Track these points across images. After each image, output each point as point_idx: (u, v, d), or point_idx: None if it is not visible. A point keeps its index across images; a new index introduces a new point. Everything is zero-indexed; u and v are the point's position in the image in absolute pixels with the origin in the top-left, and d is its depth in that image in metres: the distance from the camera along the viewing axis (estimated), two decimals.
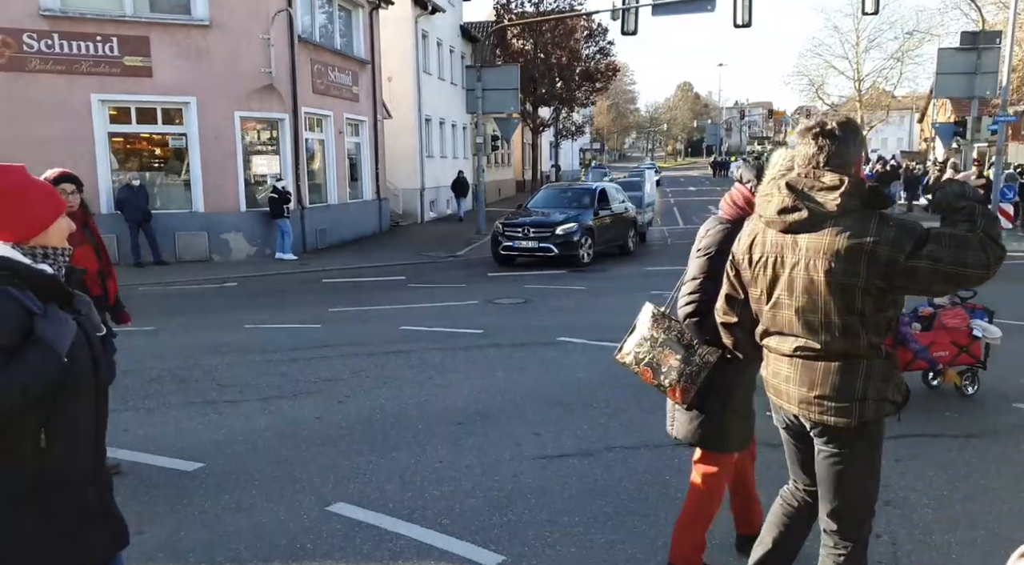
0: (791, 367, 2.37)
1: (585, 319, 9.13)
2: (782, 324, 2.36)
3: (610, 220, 15.59)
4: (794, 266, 2.27)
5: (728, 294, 2.54)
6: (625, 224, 16.36)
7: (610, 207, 15.72)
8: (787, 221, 2.27)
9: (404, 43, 24.05)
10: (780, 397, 2.46)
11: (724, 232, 2.87)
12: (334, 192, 18.31)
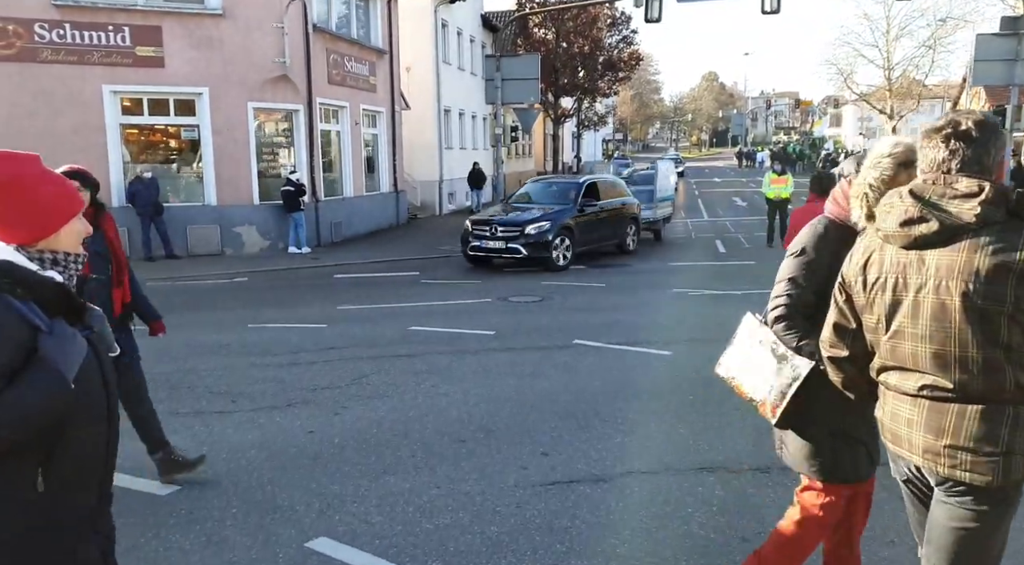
0: (915, 409, 1.98)
1: (603, 319, 8.69)
2: (904, 358, 1.98)
3: (600, 217, 14.26)
4: (920, 288, 1.91)
5: (837, 323, 2.16)
6: (622, 221, 15.09)
7: (598, 203, 14.30)
8: (912, 235, 1.92)
9: (423, 33, 23.63)
10: (899, 444, 2.06)
11: (819, 233, 2.56)
12: (350, 185, 17.98)
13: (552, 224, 13.03)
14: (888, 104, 51.05)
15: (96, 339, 1.57)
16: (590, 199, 14.20)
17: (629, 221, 15.34)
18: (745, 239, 17.89)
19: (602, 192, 14.82)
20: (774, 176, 16.42)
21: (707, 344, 7.68)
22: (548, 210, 13.53)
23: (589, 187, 14.54)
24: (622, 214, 15.10)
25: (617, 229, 14.94)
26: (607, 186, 15.47)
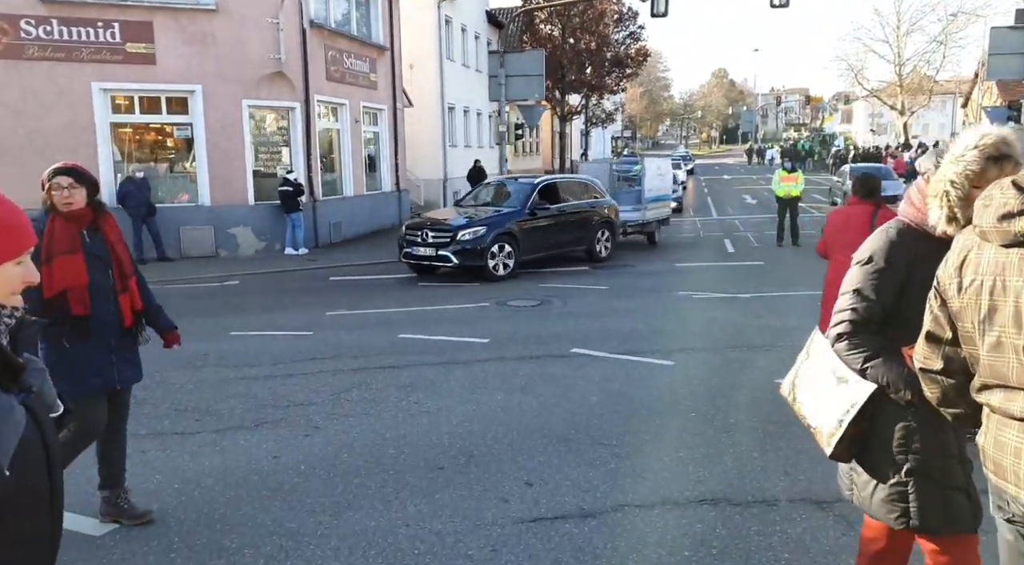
0: (1022, 436, 1.67)
1: (604, 325, 8.26)
2: (1006, 374, 1.68)
3: (560, 221, 12.90)
4: (1021, 293, 1.65)
5: (930, 332, 1.88)
6: (589, 225, 13.49)
7: (556, 206, 12.91)
8: (1012, 231, 1.66)
9: (426, 29, 23.25)
10: (1003, 477, 1.73)
11: (890, 239, 2.28)
12: (350, 184, 17.62)
13: (489, 230, 11.72)
14: (899, 100, 50.36)
15: (35, 401, 1.26)
16: (547, 202, 12.90)
17: (600, 225, 13.73)
18: (755, 238, 17.41)
19: (566, 194, 13.59)
20: (784, 173, 15.91)
21: (711, 353, 7.37)
22: (492, 213, 12.37)
23: (546, 189, 13.14)
24: (590, 217, 13.56)
25: (583, 234, 13.41)
26: (574, 187, 14.23)
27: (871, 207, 5.21)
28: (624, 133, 70.51)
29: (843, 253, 5.34)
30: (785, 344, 7.32)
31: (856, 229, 4.88)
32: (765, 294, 10.27)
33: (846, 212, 5.45)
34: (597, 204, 13.97)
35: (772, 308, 9.25)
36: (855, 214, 5.25)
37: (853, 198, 5.40)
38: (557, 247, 13.07)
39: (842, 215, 5.47)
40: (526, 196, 12.77)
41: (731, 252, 15.31)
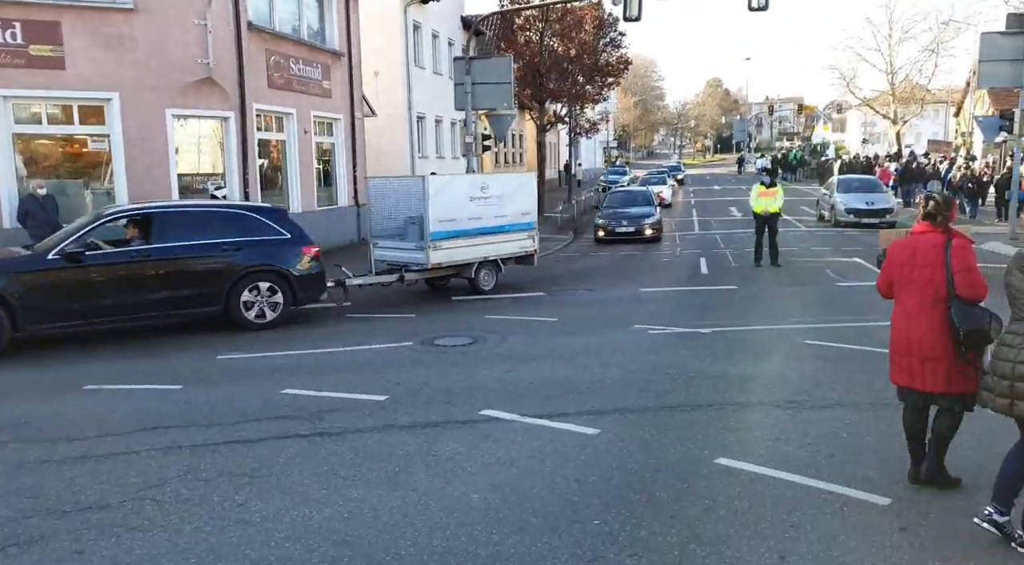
0: None
1: (534, 373, 6.99)
2: None
3: (135, 272, 8.72)
4: None
5: None
6: (210, 278, 9.13)
7: (127, 250, 8.88)
8: None
9: (391, 35, 22.10)
10: None
11: None
12: (297, 199, 16.37)
13: None
14: (892, 109, 49.44)
15: None
16: (142, 241, 8.93)
17: (236, 279, 9.24)
18: (733, 256, 16.20)
19: (191, 228, 9.17)
20: (762, 188, 14.70)
21: (648, 415, 5.75)
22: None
23: (143, 221, 8.99)
24: (207, 267, 9.12)
25: (193, 292, 9.03)
26: (212, 219, 9.47)
27: (942, 236, 4.19)
28: (610, 142, 69.29)
29: (913, 295, 4.22)
30: (738, 402, 6.08)
31: (927, 267, 4.16)
32: (729, 328, 9.03)
33: (911, 244, 4.31)
34: (230, 248, 9.26)
35: (732, 348, 7.99)
36: (922, 246, 4.23)
37: (922, 224, 4.30)
38: (116, 313, 8.70)
39: (907, 248, 4.32)
40: (66, 237, 8.61)
41: (704, 274, 14.08)
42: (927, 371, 4.19)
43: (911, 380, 4.27)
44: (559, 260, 17.09)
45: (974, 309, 4.06)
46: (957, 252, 4.11)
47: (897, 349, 4.33)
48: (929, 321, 4.15)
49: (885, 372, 4.54)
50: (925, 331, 4.16)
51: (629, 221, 19.64)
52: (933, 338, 4.14)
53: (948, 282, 4.08)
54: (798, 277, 13.22)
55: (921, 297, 4.18)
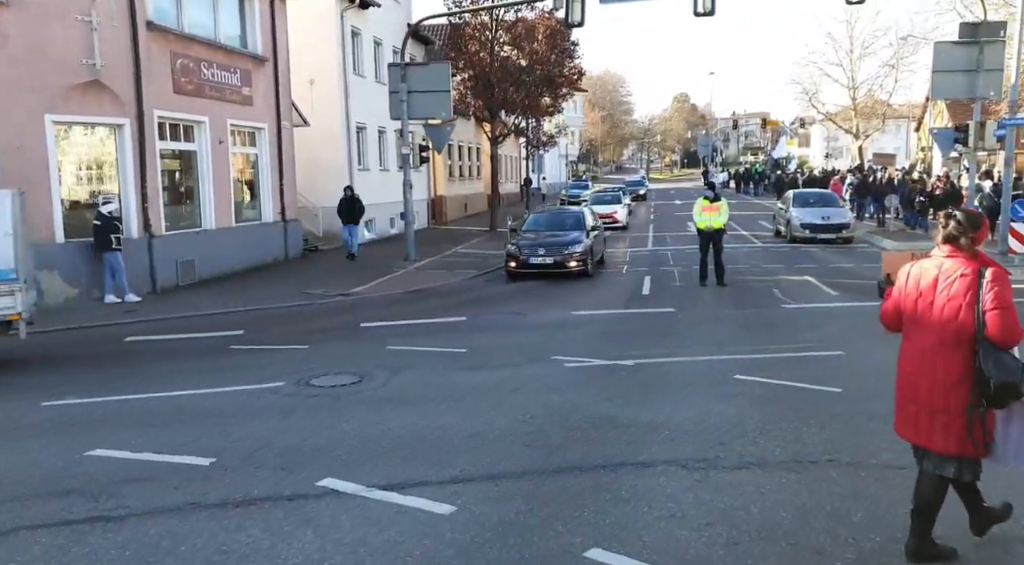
0: None
1: (408, 425, 5.87)
2: None
3: None
4: None
5: None
6: None
7: None
8: None
9: (328, 40, 20.94)
10: None
11: None
12: (210, 214, 15.09)
13: None
14: (854, 123, 49.63)
15: None
16: None
17: None
18: (680, 274, 15.27)
19: None
20: (705, 203, 13.79)
21: (521, 484, 4.60)
22: None
23: None
24: None
25: None
26: None
27: (971, 263, 3.40)
28: (577, 157, 68.78)
29: (929, 332, 3.43)
30: (638, 461, 5.01)
31: (951, 299, 3.37)
32: (655, 359, 8.01)
33: (930, 270, 3.51)
34: None
35: (651, 386, 6.95)
36: (946, 274, 3.44)
37: (944, 247, 3.49)
38: None
39: (925, 275, 3.52)
40: None
41: (645, 295, 13.09)
42: (937, 426, 3.43)
43: (917, 434, 3.55)
44: (498, 278, 16.02)
45: (1007, 357, 3.29)
46: (992, 284, 3.30)
47: (904, 394, 3.59)
48: (947, 366, 3.37)
49: (817, 417, 3.54)
50: (942, 378, 3.39)
51: (548, 250, 14.77)
52: (950, 387, 3.37)
53: (978, 321, 3.29)
54: (743, 298, 12.30)
55: (940, 336, 3.39)
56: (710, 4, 15.74)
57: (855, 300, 11.65)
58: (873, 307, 11.29)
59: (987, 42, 16.04)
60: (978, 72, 16.05)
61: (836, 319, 10.18)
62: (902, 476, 4.68)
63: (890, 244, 19.56)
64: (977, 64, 16.03)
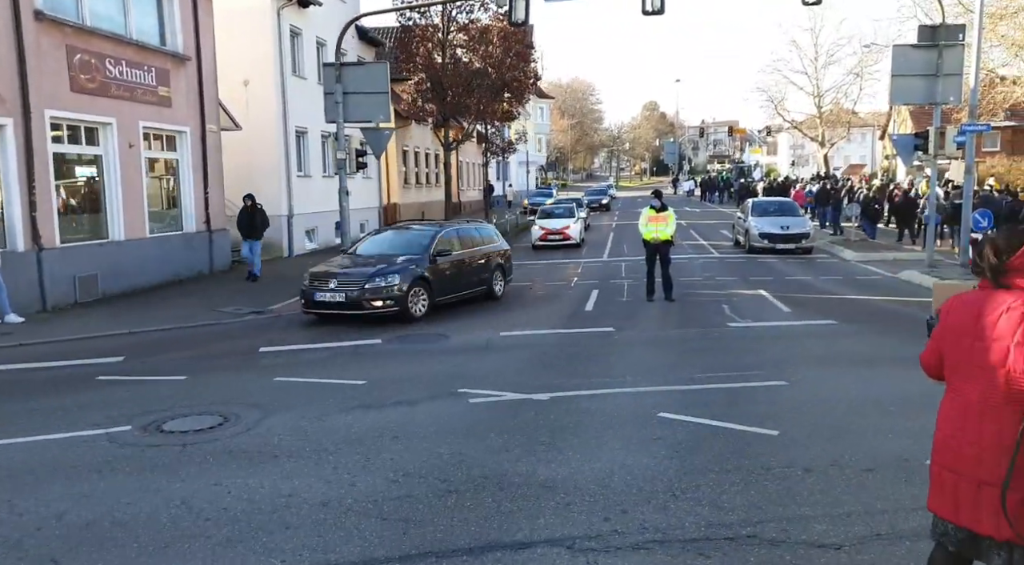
0: None
1: (237, 492, 4.78)
2: None
3: None
4: None
5: None
6: None
7: None
8: None
9: (263, 40, 19.76)
10: None
11: None
12: (119, 224, 13.82)
13: None
14: (819, 132, 49.62)
15: None
16: None
17: None
18: (629, 289, 14.36)
19: None
20: (652, 213, 12.89)
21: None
22: None
23: None
24: None
25: None
26: None
27: (1016, 297, 2.62)
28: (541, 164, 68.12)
29: (973, 383, 2.67)
30: (515, 540, 3.94)
31: (995, 341, 2.59)
32: (576, 391, 7.02)
33: (975, 305, 2.70)
34: None
35: (561, 428, 5.94)
36: (988, 310, 2.64)
37: (984, 279, 2.72)
38: None
39: (969, 310, 2.71)
40: None
41: (587, 311, 12.13)
42: (984, 502, 2.63)
43: (955, 513, 2.73)
44: None
45: None
46: None
47: (942, 461, 2.78)
48: (997, 425, 2.61)
49: (744, 471, 2.66)
50: (990, 441, 2.62)
51: (341, 283, 11.03)
52: (999, 453, 2.60)
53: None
54: (689, 316, 11.40)
55: (986, 387, 2.64)
56: (659, 3, 14.97)
57: (807, 318, 10.81)
58: (824, 327, 10.55)
59: (946, 46, 15.46)
60: (937, 77, 15.47)
61: (784, 341, 9.29)
62: (836, 561, 3.73)
63: (850, 254, 18.91)
64: (936, 69, 15.46)
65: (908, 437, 5.56)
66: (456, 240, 12.64)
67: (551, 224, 23.25)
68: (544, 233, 23.09)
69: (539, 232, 23.25)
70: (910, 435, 5.59)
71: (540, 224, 23.64)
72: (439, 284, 11.69)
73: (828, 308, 11.61)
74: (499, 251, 13.68)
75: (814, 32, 64.04)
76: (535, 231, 23.54)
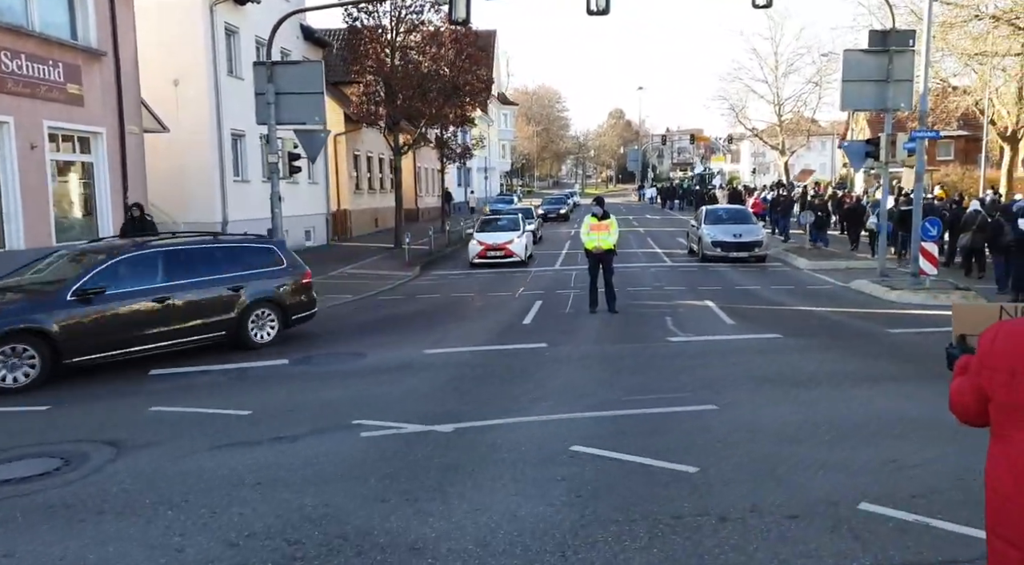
0: None
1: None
2: None
3: None
4: None
5: None
6: None
7: None
8: None
9: (195, 37, 18.72)
10: None
11: None
12: (18, 232, 12.70)
13: None
14: (780, 140, 49.87)
15: None
16: None
17: None
18: (575, 299, 13.68)
19: None
20: (593, 220, 12.24)
21: None
22: None
23: None
24: None
25: None
26: None
27: None
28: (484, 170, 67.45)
29: None
30: None
31: None
32: (486, 421, 6.26)
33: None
34: None
35: (459, 467, 5.16)
36: None
37: None
38: None
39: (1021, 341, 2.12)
40: None
41: (525, 324, 11.41)
42: None
43: None
44: (370, 306, 14.13)
45: None
46: None
47: (1001, 530, 2.14)
48: None
49: (650, 520, 2.76)
50: None
51: None
52: None
53: None
54: (629, 329, 10.73)
55: None
56: (604, 3, 14.39)
57: (751, 331, 10.22)
58: (767, 341, 9.89)
59: (896, 51, 15.15)
60: (888, 83, 15.14)
61: (722, 358, 8.64)
62: None
63: (804, 263, 18.49)
64: (887, 74, 15.12)
65: (840, 471, 4.92)
66: (156, 268, 8.94)
67: (491, 238, 20.13)
68: (483, 249, 19.80)
69: (477, 248, 19.94)
70: (842, 469, 4.96)
71: (479, 238, 20.38)
72: (84, 337, 8.08)
73: (774, 320, 11.04)
74: (275, 283, 9.94)
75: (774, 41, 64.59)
76: (472, 247, 20.25)
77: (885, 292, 13.31)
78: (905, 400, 6.66)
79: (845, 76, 15.54)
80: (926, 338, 9.57)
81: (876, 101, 15.52)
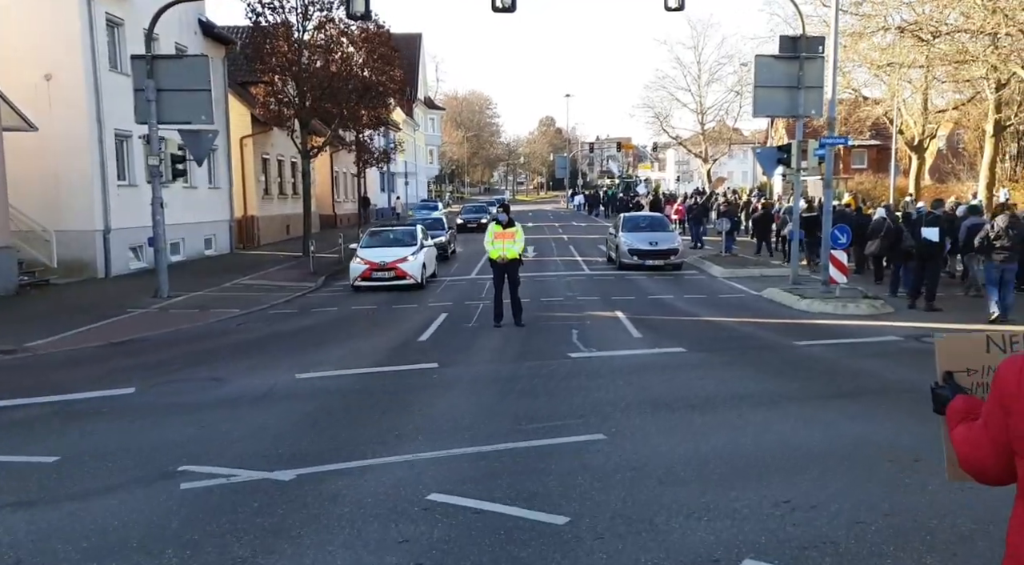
0: None
1: None
2: None
3: None
4: None
5: None
6: None
7: None
8: None
9: (70, 29, 17.05)
10: None
11: None
12: None
13: None
14: (703, 148, 50.71)
15: None
16: None
17: None
18: (484, 311, 12.83)
19: None
20: (498, 229, 11.49)
21: None
22: None
23: None
24: None
25: None
26: None
27: None
28: (406, 175, 66.43)
29: None
30: None
31: None
32: (336, 465, 5.36)
33: None
34: None
35: (280, 532, 4.24)
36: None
37: None
38: None
39: None
40: None
41: (421, 341, 10.51)
42: None
43: None
44: (260, 320, 12.93)
45: None
46: None
47: None
48: None
49: None
50: None
51: None
52: None
53: None
54: (532, 345, 10.00)
55: None
56: (511, 2, 13.76)
57: (656, 344, 9.67)
58: (670, 356, 9.18)
59: (807, 58, 15.05)
60: (799, 89, 15.02)
61: (621, 376, 7.98)
62: None
63: (718, 270, 18.26)
64: (798, 81, 15.01)
65: (726, 518, 4.27)
66: None
67: (379, 255, 15.97)
68: (367, 269, 15.73)
69: (360, 268, 15.83)
70: (728, 515, 4.31)
71: (362, 255, 16.13)
72: None
73: (681, 332, 10.53)
74: None
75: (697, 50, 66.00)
76: (354, 266, 16.01)
77: (796, 301, 13.05)
78: (804, 425, 6.12)
79: (757, 81, 15.38)
80: (832, 350, 9.21)
81: (788, 107, 15.40)
